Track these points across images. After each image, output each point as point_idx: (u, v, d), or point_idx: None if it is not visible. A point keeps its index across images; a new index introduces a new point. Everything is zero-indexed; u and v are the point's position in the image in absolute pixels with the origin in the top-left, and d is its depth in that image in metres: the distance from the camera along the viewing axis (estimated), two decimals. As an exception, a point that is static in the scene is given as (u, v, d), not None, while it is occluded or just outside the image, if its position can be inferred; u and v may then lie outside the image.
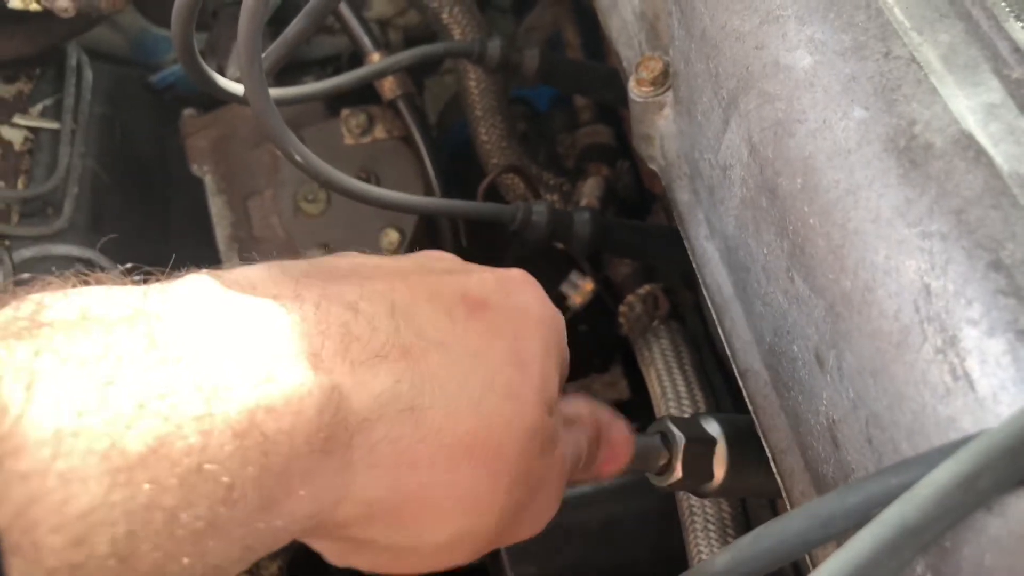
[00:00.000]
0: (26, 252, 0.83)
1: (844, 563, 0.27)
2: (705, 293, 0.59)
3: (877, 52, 0.36)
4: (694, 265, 0.61)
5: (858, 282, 0.35)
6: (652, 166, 0.64)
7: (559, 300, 1.02)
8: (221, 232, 0.95)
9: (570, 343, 1.22)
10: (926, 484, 0.27)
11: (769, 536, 0.32)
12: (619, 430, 0.47)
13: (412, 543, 0.35)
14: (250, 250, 0.94)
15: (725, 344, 0.56)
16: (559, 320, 0.42)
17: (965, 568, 0.30)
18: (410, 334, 0.33)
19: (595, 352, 1.16)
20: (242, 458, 0.27)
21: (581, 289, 1.01)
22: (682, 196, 0.60)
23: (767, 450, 0.52)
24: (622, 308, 0.86)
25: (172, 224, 1.08)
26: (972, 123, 0.32)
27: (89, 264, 0.88)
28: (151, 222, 1.03)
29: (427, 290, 0.36)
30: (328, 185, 0.60)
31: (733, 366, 0.55)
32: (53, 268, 0.86)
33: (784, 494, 0.52)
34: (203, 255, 1.06)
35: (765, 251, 0.45)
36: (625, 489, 0.89)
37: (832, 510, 0.31)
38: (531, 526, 0.41)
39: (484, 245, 1.10)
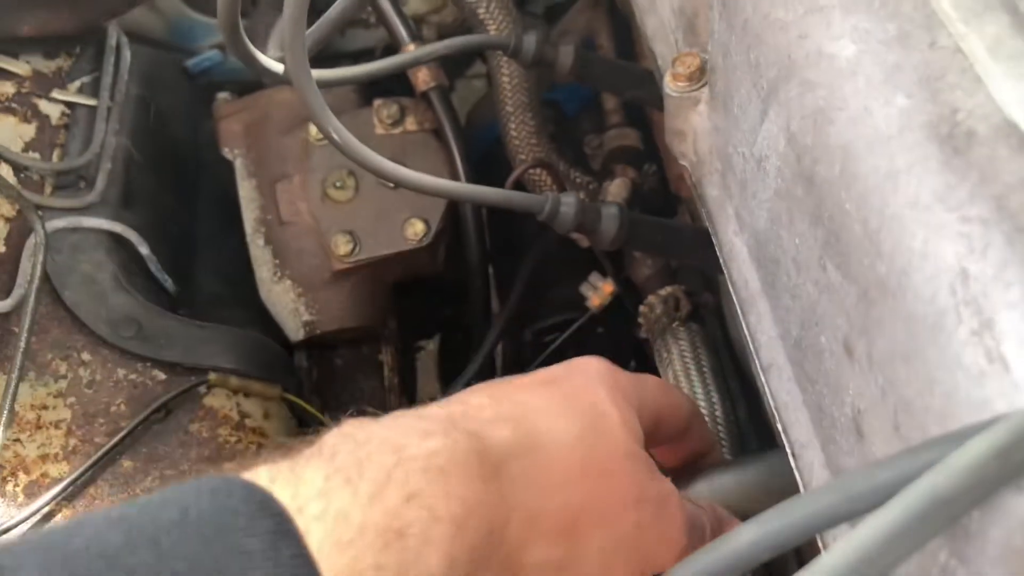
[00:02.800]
0: (58, 223, 0.85)
1: (874, 531, 0.27)
2: (731, 289, 0.59)
3: (922, 41, 0.36)
4: (721, 261, 0.61)
5: (894, 267, 0.35)
6: (683, 162, 0.64)
7: (578, 300, 1.02)
8: (249, 215, 0.96)
9: (586, 345, 1.22)
10: (959, 455, 0.27)
11: (796, 510, 0.32)
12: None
13: (570, 559, 0.41)
14: (277, 234, 0.95)
15: (749, 340, 0.57)
16: (630, 385, 0.50)
17: (992, 550, 0.30)
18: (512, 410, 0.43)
19: (611, 356, 1.16)
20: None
21: (600, 290, 1.01)
22: (712, 192, 0.61)
23: (788, 446, 0.53)
24: (642, 308, 0.86)
25: (199, 206, 1.10)
26: (1016, 112, 0.33)
27: (118, 238, 0.89)
28: (179, 202, 1.05)
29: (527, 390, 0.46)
30: (362, 164, 0.61)
31: (756, 362, 0.56)
32: (83, 239, 0.87)
33: (803, 490, 0.52)
34: (228, 237, 1.07)
35: (797, 241, 0.45)
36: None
37: (862, 485, 0.31)
38: (662, 550, 0.45)
39: (507, 241, 1.11)
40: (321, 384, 1.02)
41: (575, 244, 1.04)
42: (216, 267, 1.07)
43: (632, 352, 1.17)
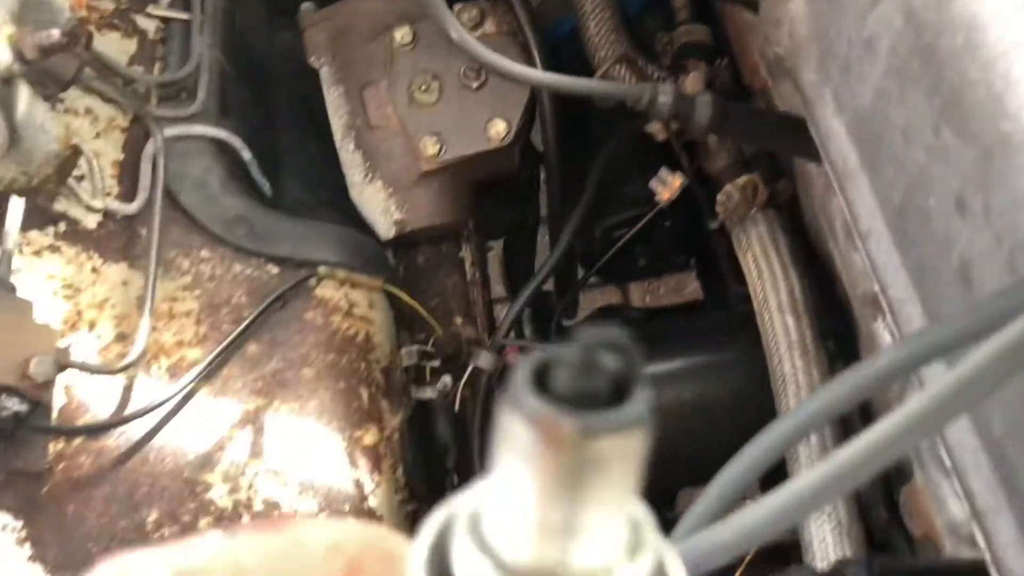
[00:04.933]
0: (170, 131, 0.90)
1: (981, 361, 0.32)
2: (828, 167, 0.64)
3: (1047, -82, 0.40)
4: (817, 142, 0.65)
5: (1019, 124, 0.40)
6: (778, 49, 0.68)
7: (647, 196, 1.07)
8: (337, 122, 1.01)
9: (653, 239, 1.26)
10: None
11: (931, 336, 0.38)
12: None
13: None
14: (366, 138, 1.00)
15: (847, 212, 0.62)
16: None
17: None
18: None
19: (677, 249, 1.22)
20: None
21: (670, 185, 1.06)
22: (809, 76, 0.65)
23: (886, 303, 0.58)
24: (720, 197, 0.91)
25: (278, 116, 1.14)
26: None
27: (222, 145, 0.94)
28: (264, 112, 1.09)
29: None
30: (480, 59, 0.65)
31: (854, 231, 0.61)
32: (191, 146, 0.92)
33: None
34: (308, 145, 1.12)
35: (909, 113, 0.50)
36: (719, 367, 0.95)
37: (992, 309, 0.37)
38: None
39: (576, 144, 1.15)
40: (407, 280, 1.08)
41: (645, 142, 1.08)
42: (299, 174, 1.12)
43: (697, 247, 1.22)
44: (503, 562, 0.17)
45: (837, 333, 0.88)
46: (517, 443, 0.16)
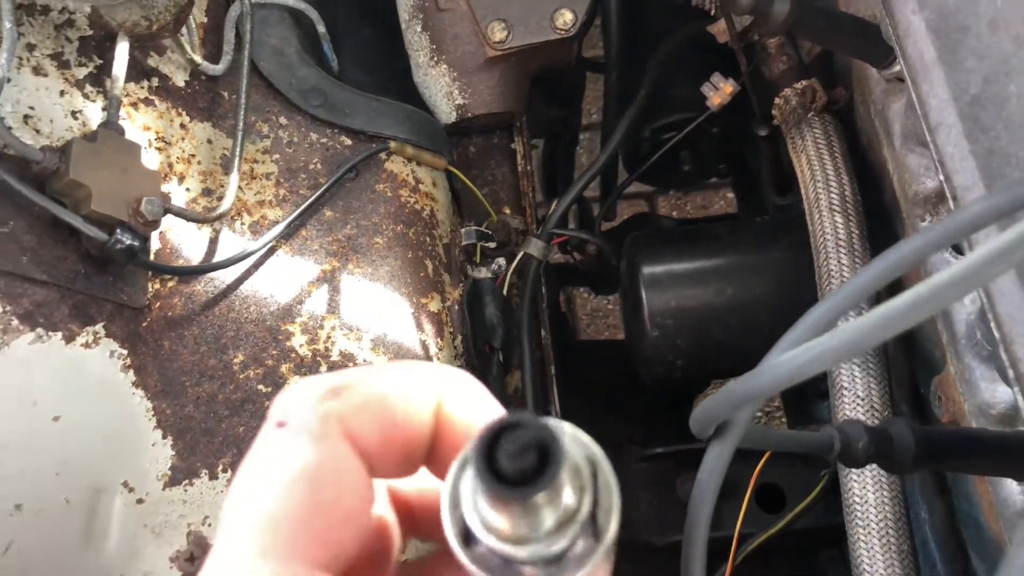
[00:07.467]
0: (253, -2, 0.92)
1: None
2: (903, 63, 0.68)
3: None
4: (894, 40, 0.69)
5: (1116, 7, 0.43)
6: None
7: (699, 100, 1.10)
8: (404, 2, 1.03)
9: (699, 144, 1.29)
10: None
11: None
12: None
13: None
14: (434, 20, 1.02)
15: (918, 107, 0.66)
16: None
17: None
18: None
19: (722, 157, 1.25)
20: None
21: (721, 91, 1.09)
22: (892, -25, 0.68)
23: (949, 192, 0.63)
24: (777, 101, 0.95)
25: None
26: None
27: (297, 16, 0.97)
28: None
29: None
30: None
31: (923, 125, 0.65)
32: (269, 14, 0.94)
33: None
34: (365, 29, 1.15)
35: (999, 3, 0.54)
36: (763, 265, 1.00)
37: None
38: None
39: (639, 37, 1.17)
40: (459, 168, 1.12)
41: (697, 45, 1.11)
42: (354, 56, 1.15)
43: (736, 157, 1.26)
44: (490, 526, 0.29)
45: (877, 236, 0.93)
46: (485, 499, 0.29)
